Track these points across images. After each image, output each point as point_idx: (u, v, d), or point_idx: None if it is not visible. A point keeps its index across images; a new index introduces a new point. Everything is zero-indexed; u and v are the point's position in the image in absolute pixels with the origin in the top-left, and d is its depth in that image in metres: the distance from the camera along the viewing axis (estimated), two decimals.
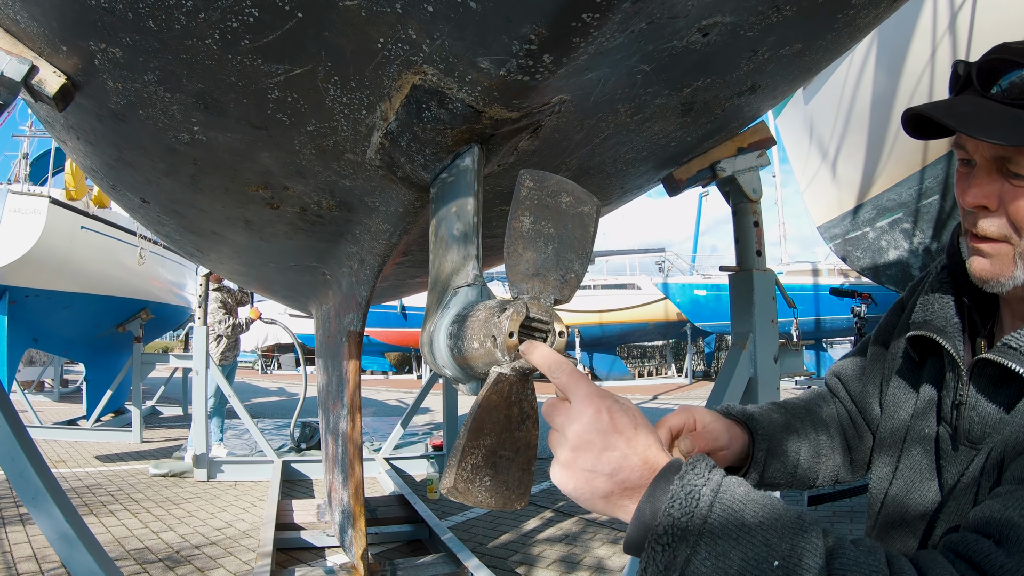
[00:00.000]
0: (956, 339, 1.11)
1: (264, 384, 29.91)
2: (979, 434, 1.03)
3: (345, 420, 3.66)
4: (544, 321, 1.04)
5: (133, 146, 2.29)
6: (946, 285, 1.18)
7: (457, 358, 1.23)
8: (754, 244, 3.09)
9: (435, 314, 1.43)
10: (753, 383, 2.97)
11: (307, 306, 5.68)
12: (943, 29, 5.41)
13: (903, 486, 1.16)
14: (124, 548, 5.01)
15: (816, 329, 23.20)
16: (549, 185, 1.09)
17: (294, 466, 8.08)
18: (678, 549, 0.76)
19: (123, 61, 1.69)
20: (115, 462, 8.79)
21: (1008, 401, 1.00)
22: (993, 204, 1.00)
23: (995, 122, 0.94)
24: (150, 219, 3.47)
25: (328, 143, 1.95)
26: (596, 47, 1.30)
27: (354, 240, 2.83)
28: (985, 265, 1.03)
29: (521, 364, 1.03)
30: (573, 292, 1.08)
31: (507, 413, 1.05)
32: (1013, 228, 0.98)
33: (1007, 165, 0.97)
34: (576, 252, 1.09)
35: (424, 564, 4.33)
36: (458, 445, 1.02)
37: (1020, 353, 0.97)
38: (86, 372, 13.45)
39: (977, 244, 1.04)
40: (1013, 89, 0.96)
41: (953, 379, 1.10)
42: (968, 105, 0.99)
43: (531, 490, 1.09)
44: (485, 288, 1.43)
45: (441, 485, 1.06)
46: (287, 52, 1.54)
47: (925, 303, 1.19)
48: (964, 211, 1.07)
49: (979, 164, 1.02)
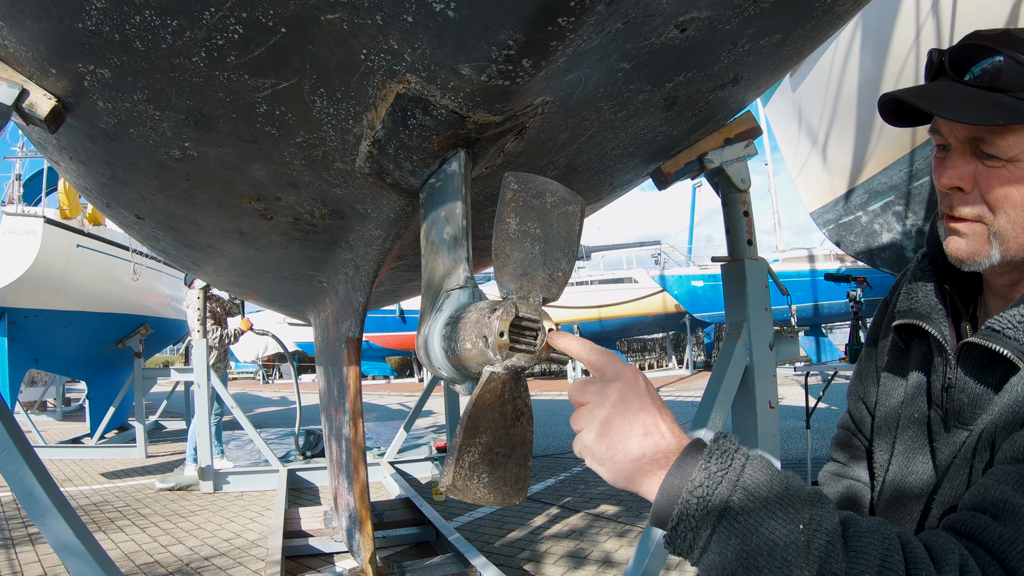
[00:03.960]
0: (941, 324, 1.13)
1: (266, 394, 29.94)
2: (969, 415, 1.05)
3: (347, 425, 3.69)
4: (534, 320, 1.06)
5: (126, 164, 2.31)
6: (928, 272, 1.20)
7: (452, 359, 1.26)
8: (745, 233, 3.11)
9: (429, 317, 1.45)
10: (749, 372, 2.98)
11: (305, 314, 5.70)
12: (926, 12, 5.44)
13: (899, 470, 1.18)
14: (134, 563, 5.03)
15: (814, 315, 23.23)
16: (534, 186, 1.11)
17: (299, 474, 8.10)
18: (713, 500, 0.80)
19: (112, 82, 1.71)
20: (121, 478, 8.80)
21: (996, 382, 1.02)
22: (968, 185, 1.02)
23: (968, 104, 0.97)
24: (146, 235, 3.48)
25: (318, 153, 1.97)
26: (574, 49, 1.33)
27: (348, 247, 2.86)
28: (961, 245, 1.05)
29: (513, 363, 1.05)
30: (561, 290, 1.11)
31: (501, 411, 1.07)
32: (988, 207, 1.01)
33: (980, 146, 1.00)
34: (562, 251, 1.11)
35: (432, 565, 4.36)
36: (455, 444, 1.04)
37: (1004, 335, 0.99)
38: (88, 390, 13.42)
39: (953, 224, 1.06)
40: (985, 75, 0.99)
41: (941, 363, 1.12)
42: (941, 89, 1.02)
43: (528, 485, 1.11)
44: (477, 290, 1.46)
45: (440, 483, 1.08)
46: (273, 66, 1.56)
47: (908, 292, 1.22)
48: (941, 194, 1.09)
49: (954, 147, 1.04)
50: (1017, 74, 0.97)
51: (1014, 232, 1.00)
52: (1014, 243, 1.00)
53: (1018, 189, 0.98)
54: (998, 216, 1.00)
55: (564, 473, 8.21)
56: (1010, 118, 0.95)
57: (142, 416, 11.02)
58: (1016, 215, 0.99)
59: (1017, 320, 0.98)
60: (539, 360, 1.08)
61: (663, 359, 35.44)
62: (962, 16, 4.97)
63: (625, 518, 5.85)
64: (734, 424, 3.09)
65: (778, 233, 26.61)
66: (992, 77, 0.98)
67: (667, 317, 28.77)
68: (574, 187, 2.68)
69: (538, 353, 1.07)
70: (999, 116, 0.95)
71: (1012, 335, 0.98)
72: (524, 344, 1.06)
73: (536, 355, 1.07)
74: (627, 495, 6.72)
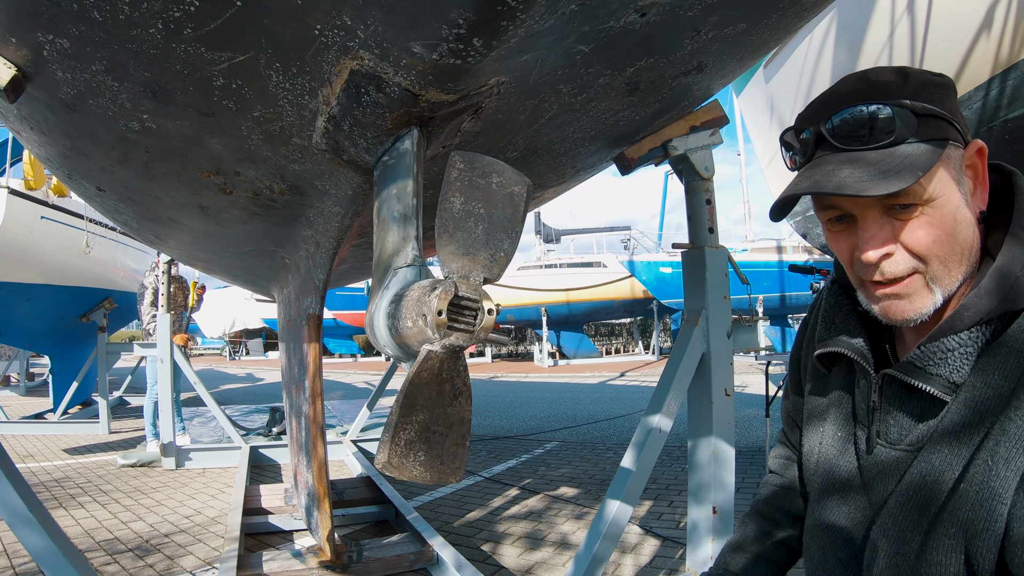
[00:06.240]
0: (863, 348, 1.12)
1: (232, 371, 29.72)
2: (895, 436, 1.06)
3: (307, 402, 3.67)
4: (473, 299, 1.07)
5: (86, 135, 2.28)
6: (841, 299, 1.20)
7: (395, 337, 1.26)
8: (707, 221, 3.13)
9: (376, 295, 1.45)
10: (706, 359, 3.01)
11: (270, 290, 5.66)
12: (902, 10, 5.47)
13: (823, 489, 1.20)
14: (94, 539, 4.98)
15: (781, 305, 23.50)
16: (480, 166, 1.11)
17: (262, 451, 8.05)
18: None
19: (71, 52, 1.69)
20: (83, 454, 8.69)
21: (921, 406, 1.02)
22: (894, 249, 0.99)
23: (882, 169, 0.94)
24: (107, 207, 3.44)
25: (275, 128, 1.96)
26: (526, 29, 1.33)
27: (308, 224, 2.84)
28: (906, 306, 1.01)
29: (451, 341, 1.06)
30: (503, 270, 1.11)
31: (439, 389, 1.08)
32: (917, 258, 0.99)
33: (892, 201, 0.97)
34: (506, 232, 1.12)
35: (390, 544, 4.36)
36: (390, 421, 1.04)
37: (926, 372, 0.99)
38: (52, 364, 13.19)
39: (887, 290, 1.02)
40: (879, 134, 0.96)
41: (865, 385, 1.12)
42: (846, 167, 0.98)
43: (466, 464, 1.12)
44: (425, 268, 1.46)
45: (376, 461, 1.08)
46: (229, 40, 1.55)
47: (826, 319, 1.21)
48: (856, 266, 1.05)
49: (863, 216, 1.01)
50: (908, 121, 0.96)
51: (947, 269, 0.99)
52: (949, 279, 1.00)
53: (941, 226, 0.97)
54: (930, 263, 0.98)
55: (526, 455, 8.25)
56: (926, 165, 0.94)
57: (105, 391, 10.87)
58: (944, 252, 0.98)
59: (939, 356, 0.98)
60: (478, 340, 1.08)
61: (630, 344, 35.63)
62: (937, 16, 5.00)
63: (584, 500, 5.90)
64: (690, 410, 3.12)
65: (748, 223, 26.84)
66: (887, 132, 0.96)
67: (635, 303, 28.92)
68: (535, 169, 2.70)
69: (477, 333, 1.07)
70: (918, 169, 0.93)
71: (934, 371, 0.98)
72: (463, 323, 1.06)
73: (475, 335, 1.07)
74: (587, 478, 6.79)
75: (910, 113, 0.96)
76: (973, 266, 1.02)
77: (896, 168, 0.93)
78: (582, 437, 9.60)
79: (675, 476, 6.65)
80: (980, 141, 1.02)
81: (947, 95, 1.01)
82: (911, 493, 1.01)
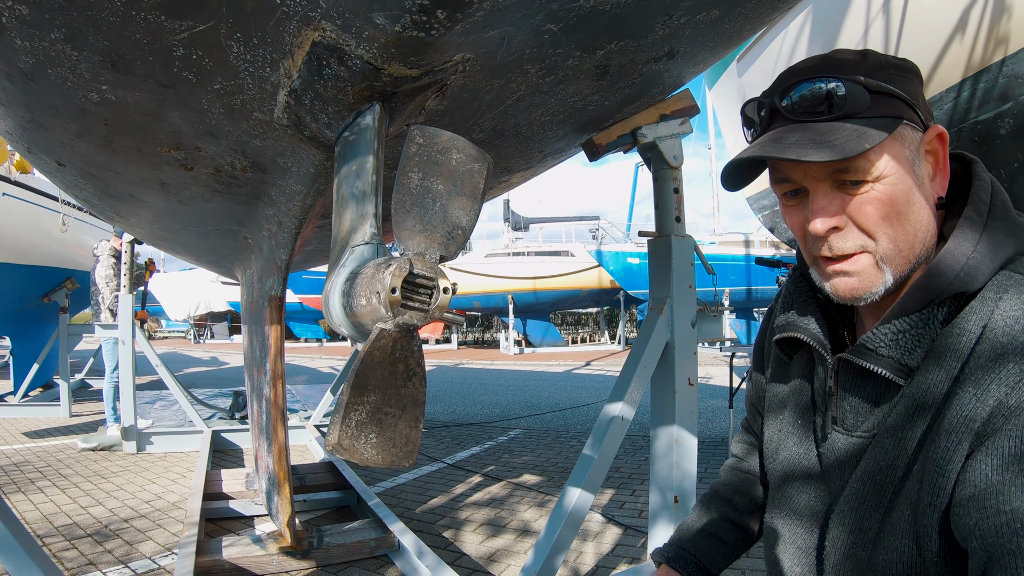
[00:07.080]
0: (819, 334, 1.12)
1: (196, 354, 29.37)
2: (852, 423, 1.06)
3: (268, 385, 3.62)
4: (428, 277, 1.04)
5: (44, 107, 2.21)
6: (801, 285, 1.19)
7: (350, 316, 1.22)
8: (673, 210, 3.12)
9: (333, 273, 1.42)
10: (670, 348, 3.01)
11: (233, 271, 5.58)
12: (877, 9, 5.50)
13: (783, 478, 1.20)
14: (52, 524, 4.89)
15: (747, 298, 23.72)
16: (439, 142, 1.08)
17: (224, 435, 7.95)
18: None
19: (30, 18, 1.63)
20: (43, 438, 8.53)
21: (876, 391, 1.03)
22: (843, 223, 0.99)
23: (831, 139, 0.95)
24: (68, 183, 3.36)
25: (236, 102, 1.91)
26: (492, 4, 1.30)
27: (271, 202, 2.79)
28: (853, 283, 1.01)
29: (405, 320, 1.03)
30: (459, 248, 1.08)
31: (392, 369, 1.05)
32: (866, 235, 0.99)
33: (843, 177, 0.98)
34: (464, 209, 1.09)
35: (351, 530, 4.33)
36: (341, 401, 1.01)
37: (877, 354, 0.99)
38: (12, 346, 12.87)
39: (836, 266, 1.02)
40: (832, 107, 0.97)
41: (823, 371, 1.13)
42: (795, 134, 0.99)
43: (419, 448, 1.09)
44: (382, 247, 1.42)
45: (326, 442, 1.05)
46: (189, 8, 1.51)
47: (785, 306, 1.21)
48: (807, 240, 1.06)
49: (813, 189, 1.02)
50: (860, 96, 0.96)
51: (897, 249, 0.99)
52: (900, 260, 0.99)
53: (891, 204, 0.97)
54: (879, 240, 0.98)
55: (489, 442, 8.25)
56: (873, 140, 0.94)
57: (66, 374, 10.68)
58: (895, 231, 0.98)
59: (890, 338, 0.98)
60: (432, 318, 1.05)
61: (596, 334, 35.83)
62: (912, 15, 5.03)
63: (546, 488, 5.91)
64: (652, 399, 3.12)
65: (716, 217, 27.09)
66: (839, 106, 0.97)
67: (602, 292, 29.02)
68: (502, 152, 2.67)
69: (432, 311, 1.04)
70: (864, 141, 0.93)
71: (886, 353, 0.98)
72: (417, 302, 1.03)
73: (429, 313, 1.04)
74: (550, 466, 6.80)
75: (863, 89, 0.97)
76: (928, 250, 1.01)
77: (843, 140, 0.94)
78: (546, 425, 9.63)
79: (638, 465, 6.68)
80: (940, 127, 1.02)
81: (907, 78, 1.01)
82: (867, 480, 1.01)
